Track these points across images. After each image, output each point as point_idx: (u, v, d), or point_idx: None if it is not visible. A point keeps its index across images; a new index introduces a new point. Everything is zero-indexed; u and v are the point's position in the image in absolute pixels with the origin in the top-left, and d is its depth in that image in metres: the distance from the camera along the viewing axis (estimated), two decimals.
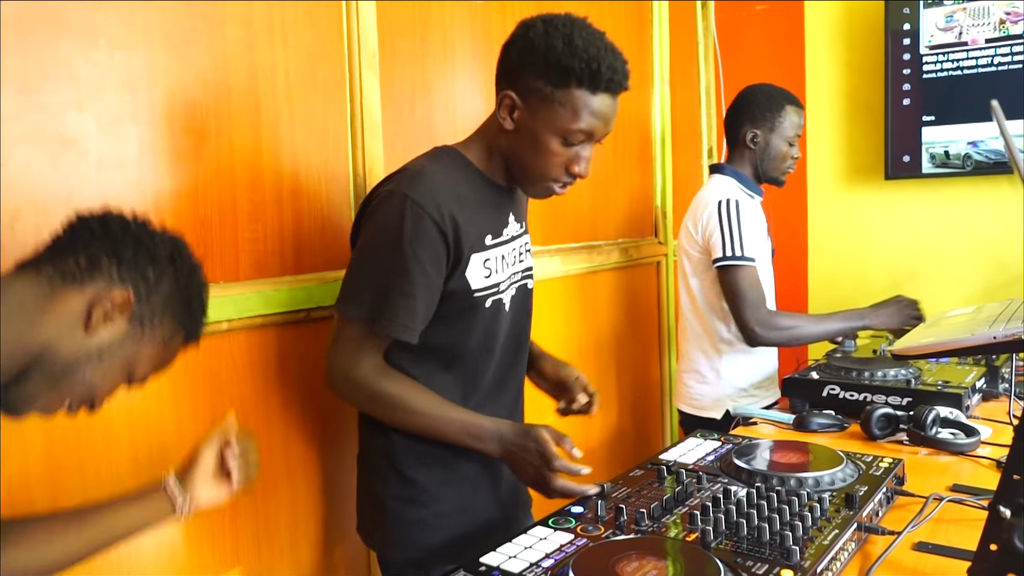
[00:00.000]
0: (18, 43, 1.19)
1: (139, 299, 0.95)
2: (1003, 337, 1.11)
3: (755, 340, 2.03)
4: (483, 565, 0.97)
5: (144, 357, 0.98)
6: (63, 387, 0.92)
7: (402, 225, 1.23)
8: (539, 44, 1.23)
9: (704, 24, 3.30)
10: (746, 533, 1.02)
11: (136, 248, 0.96)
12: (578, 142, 1.26)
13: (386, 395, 1.30)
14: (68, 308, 0.91)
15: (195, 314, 1.03)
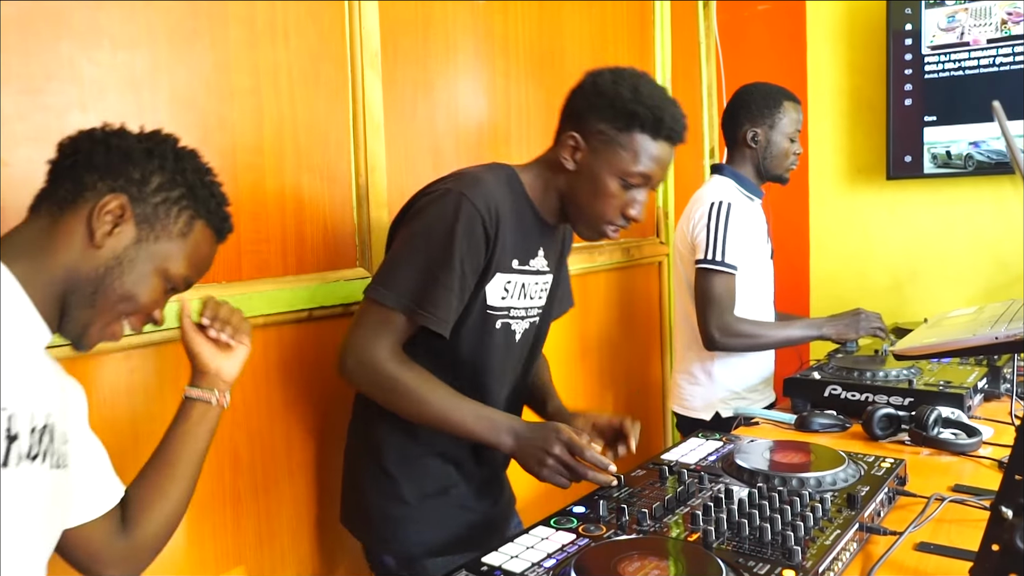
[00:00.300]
0: (21, 43, 1.19)
1: (134, 199, 0.94)
2: (1005, 337, 1.11)
3: (713, 344, 2.04)
4: (485, 565, 0.97)
5: (170, 255, 0.97)
6: (102, 305, 0.94)
7: (456, 222, 1.26)
8: (607, 90, 1.30)
9: (706, 24, 3.30)
10: (748, 533, 1.02)
11: (108, 154, 0.95)
12: (635, 185, 1.32)
13: (401, 382, 1.28)
14: (71, 231, 0.92)
15: (203, 198, 1.00)
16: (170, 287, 1.00)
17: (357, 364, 1.29)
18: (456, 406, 1.29)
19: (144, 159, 0.96)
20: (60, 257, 0.91)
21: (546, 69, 2.33)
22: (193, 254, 1.00)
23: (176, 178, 0.98)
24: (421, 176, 1.95)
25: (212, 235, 1.03)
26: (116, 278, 0.94)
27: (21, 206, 1.20)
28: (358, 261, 1.78)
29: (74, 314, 0.93)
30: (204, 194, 1.01)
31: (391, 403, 1.31)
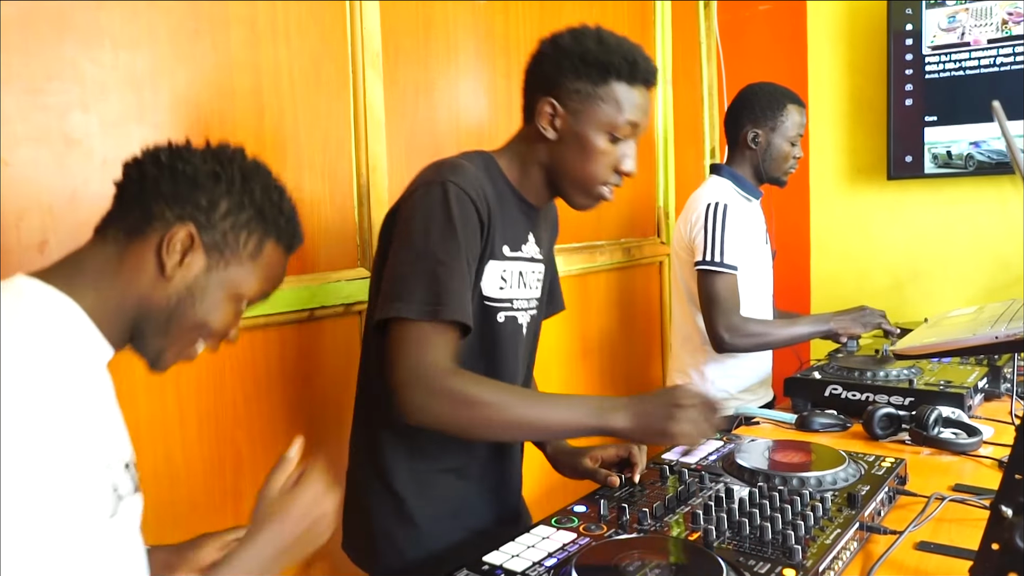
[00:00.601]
0: (23, 43, 1.19)
1: (202, 227, 0.91)
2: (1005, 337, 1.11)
3: (722, 346, 2.01)
4: (486, 564, 0.97)
5: (242, 279, 0.95)
6: (176, 333, 0.92)
7: (448, 208, 1.18)
8: (573, 48, 1.26)
9: (707, 24, 3.30)
10: (748, 532, 1.02)
11: (174, 180, 0.91)
12: (624, 136, 1.26)
13: (480, 395, 1.15)
14: (141, 261, 0.90)
15: (271, 217, 0.97)
16: (245, 305, 0.98)
17: (428, 393, 1.14)
18: (548, 402, 1.20)
19: (211, 183, 0.93)
20: (131, 287, 0.90)
21: None
22: (265, 273, 0.98)
23: (244, 201, 0.94)
24: None
25: (283, 252, 1.00)
26: (188, 307, 0.92)
27: (23, 206, 1.20)
28: (359, 261, 1.78)
29: (149, 340, 0.92)
30: (273, 213, 0.97)
31: (474, 420, 1.16)
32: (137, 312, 0.90)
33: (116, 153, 1.31)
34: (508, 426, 1.17)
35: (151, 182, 0.92)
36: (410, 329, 1.15)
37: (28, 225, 1.21)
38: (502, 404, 1.15)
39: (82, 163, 1.27)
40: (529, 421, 1.17)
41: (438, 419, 1.15)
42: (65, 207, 1.25)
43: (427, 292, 1.15)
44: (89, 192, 1.28)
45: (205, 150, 0.96)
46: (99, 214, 1.22)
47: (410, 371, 1.14)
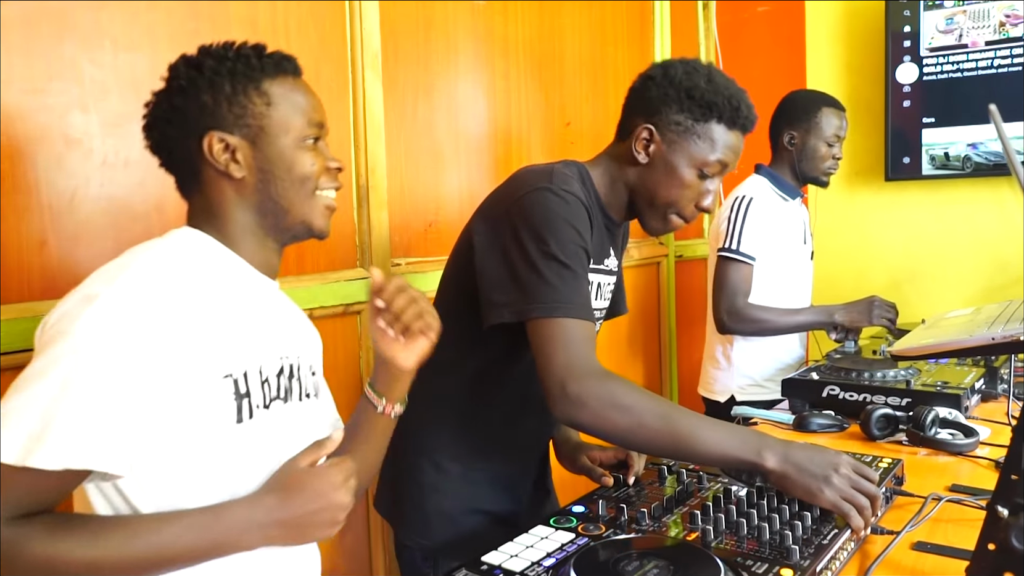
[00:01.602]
0: (23, 44, 1.19)
1: (227, 126, 0.95)
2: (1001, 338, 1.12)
3: (722, 327, 2.17)
4: (485, 564, 0.98)
5: (285, 123, 0.97)
6: (293, 194, 0.98)
7: (568, 216, 1.21)
8: (682, 81, 1.28)
9: (705, 25, 3.30)
10: (746, 532, 1.03)
11: (176, 104, 0.96)
12: (712, 174, 1.30)
13: (638, 401, 1.14)
14: (218, 191, 0.97)
15: (248, 61, 0.97)
16: (316, 136, 1.01)
17: (585, 389, 1.13)
18: (703, 422, 1.15)
19: (191, 86, 0.98)
20: (232, 220, 0.98)
21: (546, 70, 2.34)
22: (291, 103, 0.99)
23: (226, 73, 0.97)
24: (421, 177, 1.96)
25: (289, 72, 1.01)
26: (287, 177, 0.98)
27: (23, 206, 1.20)
28: (358, 261, 1.78)
29: (277, 223, 1.00)
30: (250, 65, 0.99)
31: (634, 426, 1.13)
32: (268, 217, 1.00)
33: (116, 153, 1.31)
34: (661, 438, 1.14)
35: (164, 123, 0.98)
36: (558, 326, 1.16)
37: (28, 225, 1.21)
38: (661, 414, 1.13)
39: (82, 163, 1.27)
40: (684, 438, 1.12)
41: (594, 417, 1.13)
42: (65, 207, 1.25)
43: (566, 293, 1.17)
44: (89, 192, 1.28)
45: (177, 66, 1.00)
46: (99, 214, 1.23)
47: (566, 366, 1.14)
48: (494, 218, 1.27)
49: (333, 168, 1.02)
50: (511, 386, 1.34)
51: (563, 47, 2.41)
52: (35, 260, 1.22)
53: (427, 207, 1.99)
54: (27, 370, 0.81)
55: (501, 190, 1.32)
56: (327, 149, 1.03)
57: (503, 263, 1.22)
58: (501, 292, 1.21)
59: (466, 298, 1.27)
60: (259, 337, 0.97)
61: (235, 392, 0.91)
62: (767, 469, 1.10)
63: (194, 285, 0.91)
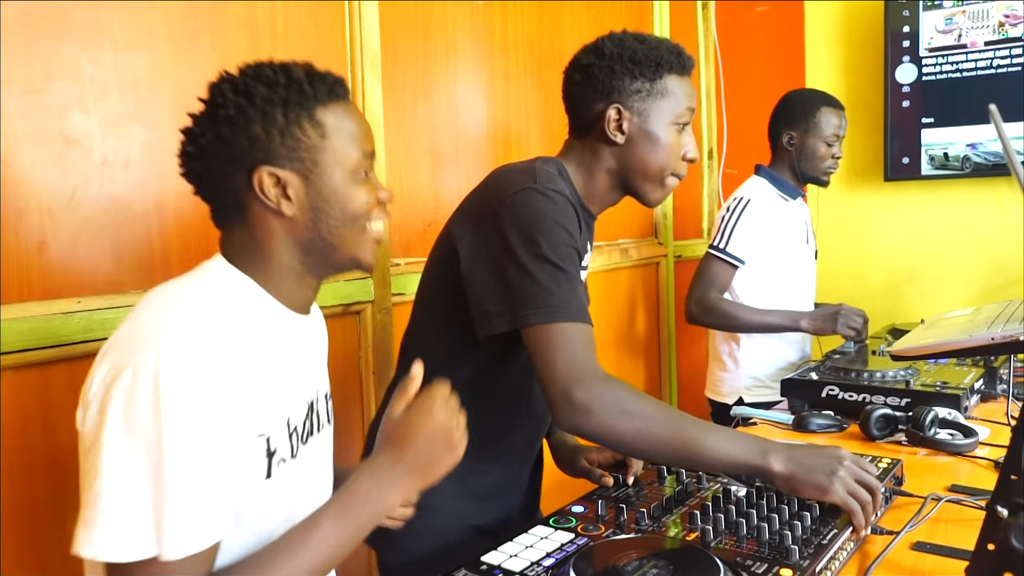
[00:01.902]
0: (23, 43, 1.19)
1: (279, 159, 0.89)
2: (1001, 338, 1.12)
3: (690, 317, 2.22)
4: (484, 564, 0.98)
5: (341, 156, 0.92)
6: (345, 232, 0.94)
7: (558, 217, 1.18)
8: (621, 52, 1.29)
9: (704, 25, 3.30)
10: (745, 532, 1.03)
11: (224, 135, 0.90)
12: (686, 124, 1.32)
13: (646, 406, 1.12)
14: (264, 227, 0.92)
15: (301, 88, 0.91)
16: (367, 165, 0.97)
17: (590, 395, 1.10)
18: (708, 429, 1.13)
19: (241, 116, 0.92)
20: (279, 254, 0.94)
21: (545, 70, 2.34)
22: (345, 128, 0.94)
23: (271, 102, 0.91)
24: (420, 177, 1.96)
25: (339, 93, 0.96)
26: (335, 210, 0.94)
27: (22, 206, 1.20)
28: None
29: (327, 257, 0.96)
30: (297, 85, 0.93)
31: (640, 434, 1.11)
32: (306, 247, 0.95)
33: (115, 153, 1.31)
34: (668, 446, 1.12)
35: (208, 171, 0.93)
36: (557, 332, 1.13)
37: (27, 225, 1.21)
38: (667, 422, 1.12)
39: (81, 163, 1.27)
40: (690, 445, 1.11)
41: (600, 424, 1.10)
42: (64, 207, 1.25)
43: (562, 296, 1.14)
44: (88, 192, 1.28)
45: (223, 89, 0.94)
46: (99, 214, 1.22)
47: (569, 373, 1.11)
48: (478, 221, 1.22)
49: (384, 200, 0.98)
50: (503, 393, 1.31)
51: (563, 47, 2.41)
52: (34, 260, 1.22)
53: (426, 207, 1.99)
54: (99, 458, 0.77)
55: (482, 191, 1.28)
56: (376, 179, 0.98)
57: (493, 269, 1.18)
58: (494, 301, 1.17)
59: (453, 305, 1.23)
60: (288, 387, 0.94)
61: (267, 450, 0.88)
62: (774, 473, 1.09)
63: (233, 339, 0.85)
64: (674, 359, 3.18)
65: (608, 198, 1.37)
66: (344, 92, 0.95)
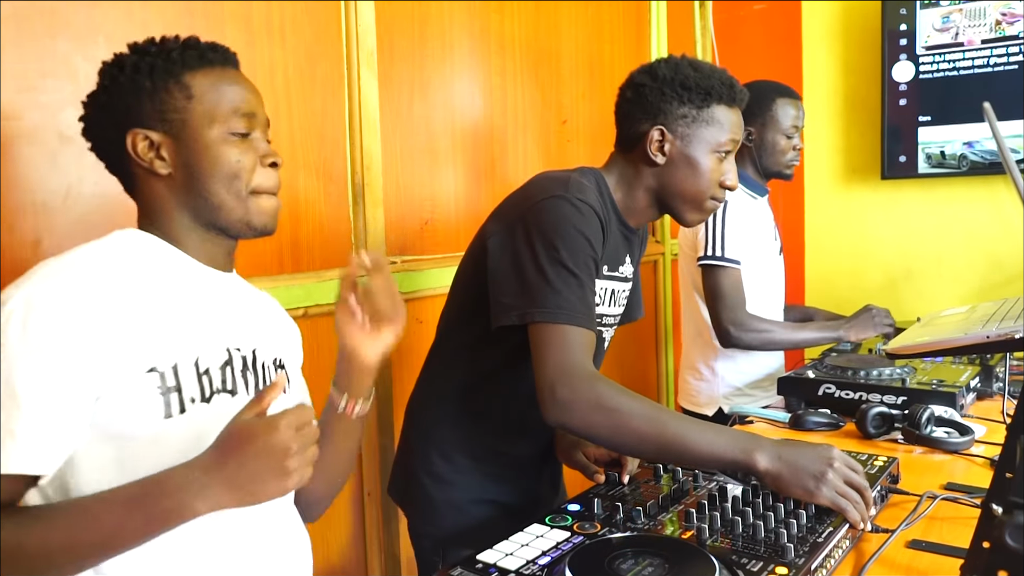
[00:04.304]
0: (17, 41, 1.19)
1: (149, 122, 0.94)
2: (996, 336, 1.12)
3: (728, 341, 2.04)
4: (480, 563, 0.98)
5: (209, 115, 0.95)
6: (222, 191, 0.97)
7: (580, 225, 1.23)
8: (674, 77, 1.32)
9: (702, 24, 3.30)
10: (741, 531, 1.03)
11: (102, 103, 0.97)
12: (727, 153, 1.35)
13: (628, 404, 1.15)
14: (151, 190, 0.97)
15: (168, 55, 0.95)
16: (245, 131, 0.99)
17: (572, 392, 1.15)
18: (693, 425, 1.16)
19: (113, 84, 0.98)
20: (170, 218, 0.99)
21: (542, 68, 2.33)
22: (219, 95, 0.97)
23: (142, 69, 0.97)
24: (417, 174, 1.96)
25: (206, 62, 0.99)
26: (214, 171, 0.97)
27: (17, 204, 1.20)
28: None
29: (216, 221, 0.99)
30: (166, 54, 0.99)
31: (615, 427, 1.15)
32: (203, 217, 0.99)
33: None
34: (648, 440, 1.15)
35: (97, 145, 1.00)
36: (556, 332, 1.18)
37: (22, 223, 1.21)
38: (648, 417, 1.14)
39: (76, 161, 1.26)
40: (671, 440, 1.13)
41: (581, 419, 1.15)
42: (59, 205, 1.25)
43: (570, 300, 1.20)
44: (83, 190, 1.28)
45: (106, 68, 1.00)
46: (93, 212, 1.22)
47: (557, 370, 1.16)
48: (509, 222, 1.29)
49: (268, 163, 0.99)
50: (519, 385, 1.34)
51: (559, 45, 2.41)
52: (29, 258, 1.22)
53: (423, 205, 1.98)
54: None
55: (518, 194, 1.34)
56: (263, 143, 1.00)
57: (514, 266, 1.24)
58: (509, 295, 1.24)
59: (478, 298, 1.30)
60: (198, 329, 0.95)
61: (161, 386, 0.88)
62: (759, 470, 1.10)
63: (119, 281, 0.89)
64: (671, 357, 3.18)
65: (647, 214, 1.41)
66: (222, 59, 0.99)
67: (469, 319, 1.36)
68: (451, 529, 1.38)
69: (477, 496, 1.39)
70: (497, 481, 1.41)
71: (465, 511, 1.39)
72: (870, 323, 2.13)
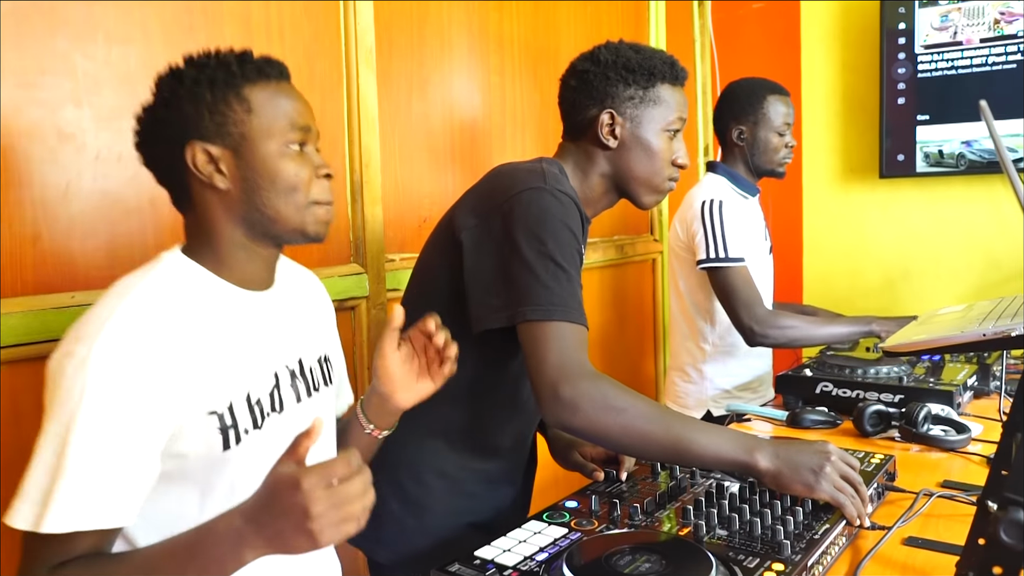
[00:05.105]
0: (16, 38, 1.19)
1: (209, 135, 0.95)
2: (992, 334, 1.12)
3: (753, 339, 1.98)
4: (477, 559, 0.98)
5: (268, 129, 0.96)
6: (280, 203, 0.98)
7: (564, 218, 1.20)
8: (616, 60, 1.34)
9: (701, 23, 3.31)
10: (738, 527, 1.03)
11: (160, 117, 0.97)
12: (677, 131, 1.36)
13: (633, 402, 1.13)
14: (206, 205, 0.98)
15: (228, 68, 0.96)
16: (302, 141, 1.00)
17: (577, 392, 1.11)
18: (695, 425, 1.15)
19: (169, 104, 0.98)
20: (224, 227, 0.99)
21: (540, 67, 2.34)
22: (273, 107, 0.99)
23: (202, 83, 0.97)
24: (416, 172, 1.96)
25: (263, 75, 1.00)
26: (272, 187, 0.98)
27: (16, 200, 1.20)
28: (352, 257, 1.78)
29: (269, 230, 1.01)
30: (226, 67, 0.99)
31: (627, 429, 1.11)
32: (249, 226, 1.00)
33: (109, 148, 1.31)
34: (655, 441, 1.12)
35: (154, 159, 1.01)
36: (552, 329, 1.14)
37: (21, 219, 1.21)
38: (654, 418, 1.12)
39: (75, 158, 1.27)
40: (677, 441, 1.12)
41: (588, 420, 1.11)
42: (58, 202, 1.25)
43: (562, 295, 1.16)
44: (82, 187, 1.28)
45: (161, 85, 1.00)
46: (92, 208, 1.23)
47: (559, 369, 1.12)
48: (484, 216, 1.23)
49: (322, 174, 1.00)
50: (499, 391, 1.32)
51: (558, 44, 2.41)
52: (28, 254, 1.22)
53: (421, 203, 1.99)
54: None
55: (489, 187, 1.29)
56: (316, 155, 1.01)
57: (496, 265, 1.19)
58: (494, 295, 1.18)
59: (452, 299, 1.24)
60: (246, 362, 0.98)
61: (220, 426, 0.92)
62: (760, 470, 1.11)
63: (177, 325, 0.90)
64: (668, 357, 3.18)
65: (602, 201, 1.40)
66: (277, 73, 1.00)
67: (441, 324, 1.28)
68: (421, 551, 1.30)
69: (451, 520, 1.33)
70: (470, 500, 1.35)
71: (436, 532, 1.31)
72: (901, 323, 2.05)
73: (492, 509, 1.38)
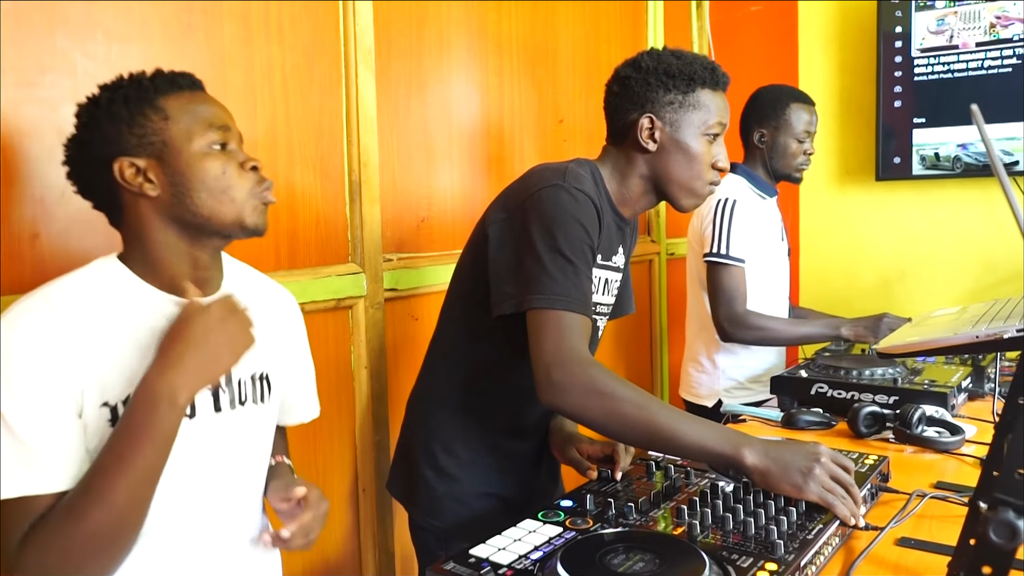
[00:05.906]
0: (16, 36, 1.19)
1: (133, 149, 0.99)
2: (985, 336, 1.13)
3: (724, 335, 2.12)
4: (472, 557, 0.98)
5: (187, 132, 1.01)
6: (210, 201, 1.02)
7: (578, 214, 1.26)
8: (657, 66, 1.36)
9: (699, 24, 3.31)
10: (732, 527, 1.04)
11: (83, 140, 1.02)
12: (716, 136, 1.38)
13: (621, 389, 1.17)
14: (138, 215, 1.02)
15: (140, 84, 1.02)
16: (221, 146, 1.05)
17: (567, 376, 1.17)
18: (684, 417, 1.17)
19: (92, 117, 1.04)
20: (158, 235, 1.04)
21: (539, 67, 2.34)
22: (194, 118, 1.03)
23: (120, 100, 1.02)
24: (414, 171, 1.97)
25: (180, 88, 1.06)
26: (203, 188, 1.03)
27: (15, 199, 1.20)
28: (350, 256, 1.79)
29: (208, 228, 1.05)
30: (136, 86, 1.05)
31: (608, 412, 1.16)
32: (187, 227, 1.05)
33: None
34: (639, 427, 1.16)
35: (82, 182, 1.06)
36: (552, 317, 1.21)
37: (19, 217, 1.21)
38: (640, 404, 1.16)
39: None
40: (661, 428, 1.15)
41: (575, 402, 1.18)
42: (57, 200, 1.26)
43: (566, 286, 1.22)
44: None
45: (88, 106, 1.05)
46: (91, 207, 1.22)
47: (553, 354, 1.18)
48: (509, 211, 1.31)
49: (249, 167, 1.04)
50: (518, 376, 1.35)
51: (557, 45, 2.41)
52: (27, 252, 1.23)
53: (419, 202, 1.99)
54: None
55: (517, 184, 1.36)
56: (240, 152, 1.05)
57: (513, 255, 1.27)
58: (508, 283, 1.27)
59: (477, 289, 1.32)
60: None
61: (110, 418, 0.96)
62: (747, 465, 1.12)
63: (84, 319, 0.95)
64: (666, 356, 3.19)
65: (641, 202, 1.44)
66: (189, 83, 1.05)
67: (469, 310, 1.38)
68: (454, 522, 1.40)
69: (480, 489, 1.41)
70: (498, 475, 1.43)
71: (468, 504, 1.40)
72: (876, 328, 2.12)
73: (518, 486, 1.45)
